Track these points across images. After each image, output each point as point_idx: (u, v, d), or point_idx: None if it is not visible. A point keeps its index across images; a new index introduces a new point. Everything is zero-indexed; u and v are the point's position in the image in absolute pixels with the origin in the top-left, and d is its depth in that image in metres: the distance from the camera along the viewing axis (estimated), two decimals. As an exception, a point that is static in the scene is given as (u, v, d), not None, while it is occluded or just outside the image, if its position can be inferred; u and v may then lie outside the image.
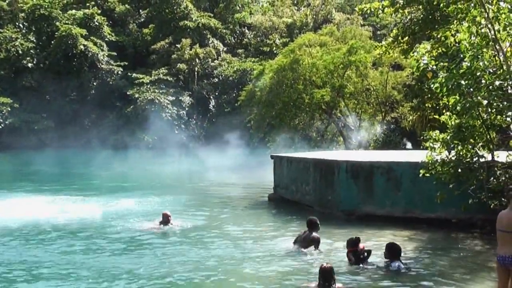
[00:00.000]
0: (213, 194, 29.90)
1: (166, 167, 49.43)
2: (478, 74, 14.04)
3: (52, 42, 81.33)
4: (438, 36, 16.58)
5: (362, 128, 42.39)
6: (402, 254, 13.38)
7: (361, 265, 13.34)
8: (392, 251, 13.12)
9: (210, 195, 29.40)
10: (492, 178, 15.18)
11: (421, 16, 25.05)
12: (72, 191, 31.10)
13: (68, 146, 69.52)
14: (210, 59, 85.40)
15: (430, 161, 15.67)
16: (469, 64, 14.07)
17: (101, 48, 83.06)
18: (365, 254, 13.65)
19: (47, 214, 21.49)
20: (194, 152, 70.79)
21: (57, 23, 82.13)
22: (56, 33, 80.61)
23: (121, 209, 23.44)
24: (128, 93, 79.57)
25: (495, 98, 14.19)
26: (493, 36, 14.34)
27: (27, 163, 56.04)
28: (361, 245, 13.84)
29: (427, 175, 15.80)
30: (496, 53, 14.64)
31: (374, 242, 16.15)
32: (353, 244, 13.87)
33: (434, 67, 14.80)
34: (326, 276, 11.32)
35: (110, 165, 50.73)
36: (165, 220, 18.61)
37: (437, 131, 15.87)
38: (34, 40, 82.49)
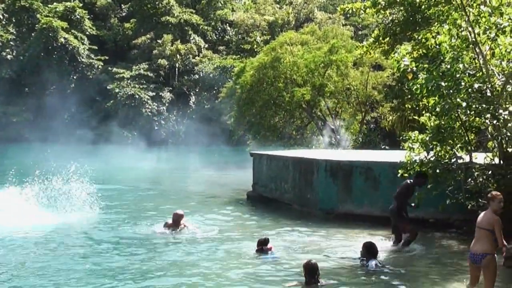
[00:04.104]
0: (192, 192, 29.80)
1: (144, 164, 49.21)
2: (457, 76, 14.17)
3: (33, 34, 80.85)
4: (419, 38, 16.71)
5: (342, 127, 42.50)
6: (379, 253, 13.51)
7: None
8: (370, 250, 13.23)
9: (188, 193, 29.31)
10: (469, 179, 15.34)
11: (403, 17, 25.19)
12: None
13: (47, 140, 68.97)
14: (191, 56, 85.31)
15: (409, 161, 15.80)
16: (449, 66, 14.20)
17: (82, 41, 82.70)
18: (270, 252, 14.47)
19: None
20: (174, 149, 70.72)
21: (38, 15, 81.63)
22: (36, 26, 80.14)
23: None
24: (108, 87, 79.36)
25: (474, 100, 14.34)
26: (473, 39, 14.48)
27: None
28: (269, 245, 14.57)
29: (406, 175, 15.92)
30: (475, 55, 14.80)
31: (352, 240, 16.28)
32: (261, 244, 14.62)
33: (415, 68, 14.90)
34: (312, 272, 11.45)
35: (88, 159, 50.47)
36: (175, 220, 17.76)
37: (416, 132, 15.98)
38: (14, 32, 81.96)
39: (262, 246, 14.52)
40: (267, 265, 13.55)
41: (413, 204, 15.64)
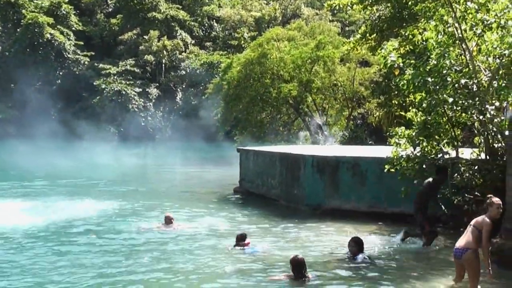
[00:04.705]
0: (178, 188, 29.73)
1: (131, 160, 49.10)
2: (444, 72, 14.24)
3: (18, 30, 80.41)
4: (406, 34, 16.82)
5: (328, 123, 42.60)
6: (366, 248, 13.58)
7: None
8: (357, 244, 13.29)
9: (175, 189, 29.22)
10: (456, 174, 15.41)
11: (389, 13, 25.29)
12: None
13: (33, 136, 68.65)
14: (177, 51, 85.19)
15: (395, 157, 15.86)
16: (435, 62, 14.27)
17: (68, 37, 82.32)
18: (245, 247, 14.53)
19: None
20: (160, 145, 70.58)
21: (23, 11, 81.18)
22: (22, 21, 79.69)
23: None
24: (94, 83, 79.07)
25: (461, 96, 14.42)
26: (460, 35, 14.56)
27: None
28: (246, 241, 14.64)
29: (392, 170, 15.98)
30: (462, 52, 14.88)
31: (339, 236, 16.31)
32: (239, 239, 14.70)
33: (401, 64, 14.96)
34: (299, 267, 11.51)
35: (75, 156, 50.27)
36: (167, 222, 17.82)
37: (403, 128, 16.06)
38: (0, 28, 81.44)
39: (239, 242, 14.56)
40: (253, 260, 13.54)
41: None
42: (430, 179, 15.14)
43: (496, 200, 10.63)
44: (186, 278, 12.10)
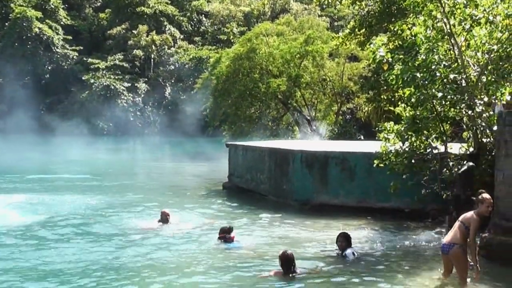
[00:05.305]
0: (168, 183, 29.64)
1: (119, 155, 48.99)
2: (433, 67, 14.25)
3: (6, 24, 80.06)
4: (395, 29, 16.76)
5: (317, 118, 42.59)
6: (354, 243, 13.59)
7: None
8: (347, 239, 13.29)
9: (165, 184, 29.13)
10: (444, 169, 15.43)
11: (378, 8, 25.29)
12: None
13: (22, 131, 68.43)
14: (166, 46, 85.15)
15: (384, 152, 15.86)
16: (424, 57, 14.28)
17: (57, 31, 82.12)
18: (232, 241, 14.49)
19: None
20: (149, 139, 70.46)
21: (12, 5, 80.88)
22: (10, 15, 79.36)
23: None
24: (83, 78, 78.89)
25: (449, 91, 14.43)
26: (449, 30, 14.57)
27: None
28: (232, 235, 14.56)
29: (381, 165, 15.98)
30: (451, 47, 14.89)
31: (328, 231, 16.31)
32: (223, 232, 14.63)
33: (390, 59, 14.96)
34: (288, 262, 11.49)
35: (63, 151, 50.13)
36: (164, 218, 17.71)
37: (392, 123, 16.05)
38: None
39: (225, 234, 14.49)
40: (240, 256, 13.50)
41: None
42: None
43: (487, 197, 10.56)
44: (173, 275, 12.04)
